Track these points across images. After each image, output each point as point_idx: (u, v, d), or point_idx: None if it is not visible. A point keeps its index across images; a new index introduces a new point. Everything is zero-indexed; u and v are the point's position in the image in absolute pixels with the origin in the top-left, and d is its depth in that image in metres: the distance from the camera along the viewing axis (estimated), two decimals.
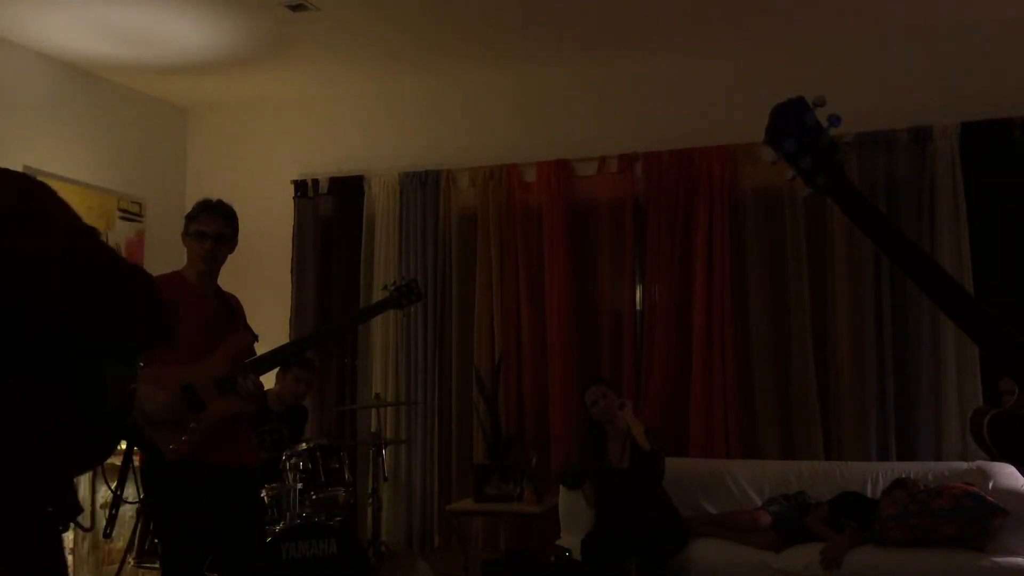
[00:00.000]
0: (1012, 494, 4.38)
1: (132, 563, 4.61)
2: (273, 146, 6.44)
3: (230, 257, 3.56)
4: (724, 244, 5.35)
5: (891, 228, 1.65)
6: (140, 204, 6.14)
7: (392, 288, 3.90)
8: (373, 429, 5.58)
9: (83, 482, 4.97)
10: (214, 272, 3.53)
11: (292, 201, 6.23)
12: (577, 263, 5.71)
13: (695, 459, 5.23)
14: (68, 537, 4.72)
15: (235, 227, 3.54)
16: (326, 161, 6.27)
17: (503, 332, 5.71)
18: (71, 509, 1.45)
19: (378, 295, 5.71)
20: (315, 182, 6.25)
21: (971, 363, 4.88)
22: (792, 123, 1.63)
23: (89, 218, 6.23)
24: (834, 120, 1.63)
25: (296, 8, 4.87)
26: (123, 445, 2.98)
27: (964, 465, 4.72)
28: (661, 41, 5.43)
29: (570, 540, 4.83)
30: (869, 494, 4.75)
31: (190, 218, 3.52)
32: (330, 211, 6.23)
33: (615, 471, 4.82)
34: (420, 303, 4.09)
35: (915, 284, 1.67)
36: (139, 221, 6.11)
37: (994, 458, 4.49)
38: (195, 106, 6.62)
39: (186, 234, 3.51)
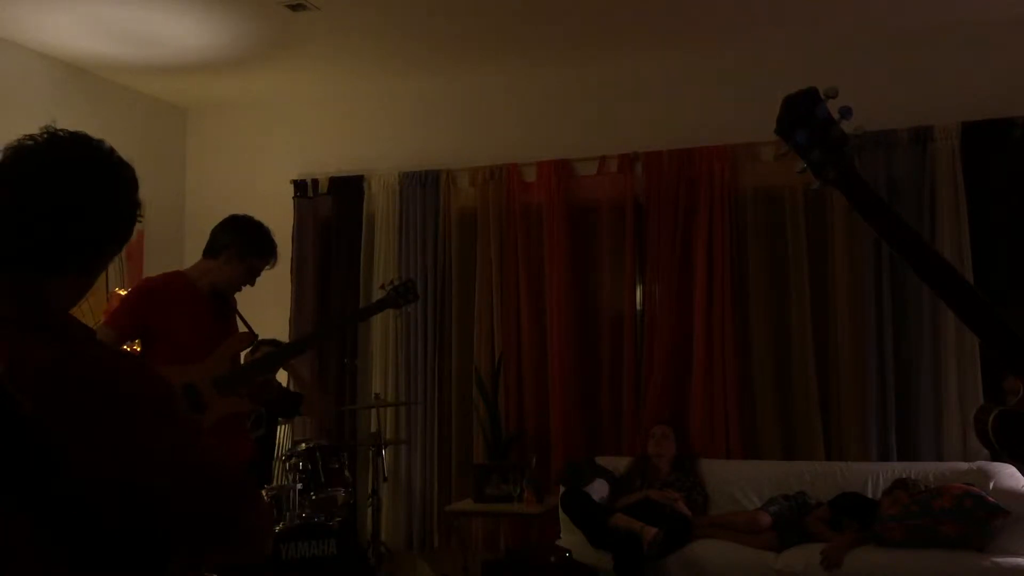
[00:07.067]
0: (1013, 494, 4.38)
1: None
2: (273, 146, 6.44)
3: None
4: (724, 244, 5.34)
5: (900, 223, 1.64)
6: (140, 204, 6.12)
7: (389, 287, 3.89)
8: (373, 429, 5.57)
9: None
10: None
11: (292, 201, 6.23)
12: (577, 263, 5.71)
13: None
14: None
15: None
16: (326, 161, 6.26)
17: (503, 332, 5.71)
18: None
19: (377, 295, 5.71)
20: (315, 182, 6.24)
21: (972, 363, 4.88)
22: (804, 114, 1.61)
23: None
24: (845, 112, 1.61)
25: (296, 8, 4.86)
26: None
27: (965, 465, 4.71)
28: (661, 41, 5.42)
29: (570, 540, 4.83)
30: (869, 494, 4.75)
31: (253, 249, 3.48)
32: (330, 211, 6.22)
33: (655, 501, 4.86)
34: (416, 303, 4.08)
35: (922, 280, 1.67)
36: (139, 221, 6.08)
37: (997, 456, 4.53)
38: (195, 106, 6.61)
39: (236, 255, 3.46)
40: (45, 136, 1.29)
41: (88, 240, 1.29)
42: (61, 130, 1.30)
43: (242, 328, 3.56)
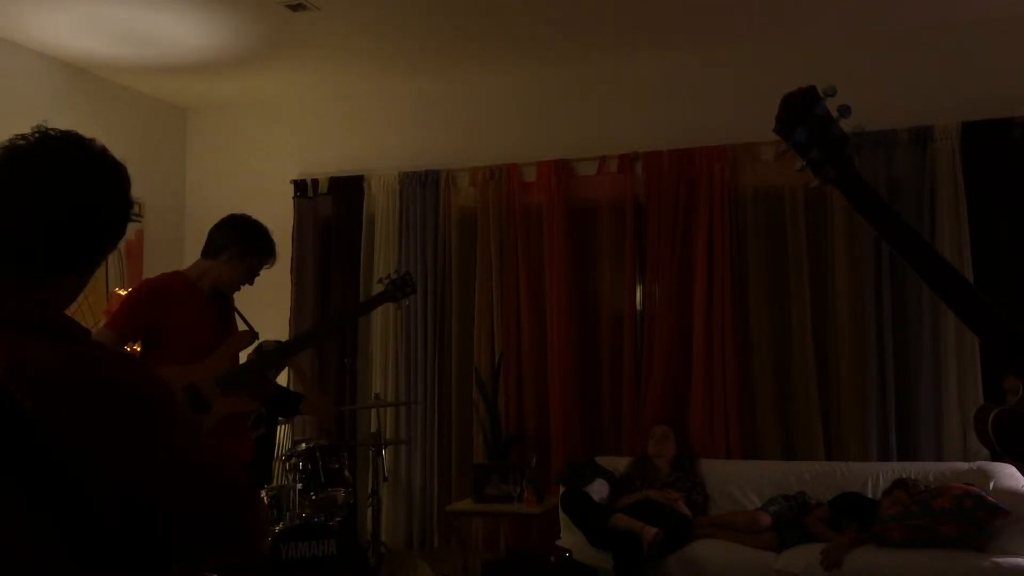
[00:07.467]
0: (1013, 494, 4.38)
1: None
2: (273, 146, 6.44)
3: None
4: (724, 243, 5.34)
5: (900, 222, 1.64)
6: (140, 204, 6.12)
7: (387, 281, 3.90)
8: (373, 429, 5.58)
9: None
10: None
11: (292, 201, 6.23)
12: (577, 263, 5.70)
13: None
14: None
15: None
16: (326, 161, 6.26)
17: (503, 332, 5.71)
18: None
19: (376, 291, 5.71)
20: (315, 182, 6.24)
21: (972, 363, 4.88)
22: (803, 113, 1.61)
23: None
24: (844, 110, 1.61)
25: (296, 8, 4.86)
26: None
27: (965, 465, 4.71)
28: (661, 41, 5.43)
29: (570, 540, 4.83)
30: (869, 494, 4.75)
31: (252, 249, 3.50)
32: (330, 211, 6.22)
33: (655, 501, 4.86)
34: (415, 295, 4.08)
35: (922, 279, 1.67)
36: (138, 221, 6.10)
37: (996, 456, 4.53)
38: (195, 106, 6.61)
39: (236, 255, 3.47)
40: (36, 136, 1.30)
41: (85, 239, 1.29)
42: (52, 129, 1.31)
43: (242, 327, 3.57)
